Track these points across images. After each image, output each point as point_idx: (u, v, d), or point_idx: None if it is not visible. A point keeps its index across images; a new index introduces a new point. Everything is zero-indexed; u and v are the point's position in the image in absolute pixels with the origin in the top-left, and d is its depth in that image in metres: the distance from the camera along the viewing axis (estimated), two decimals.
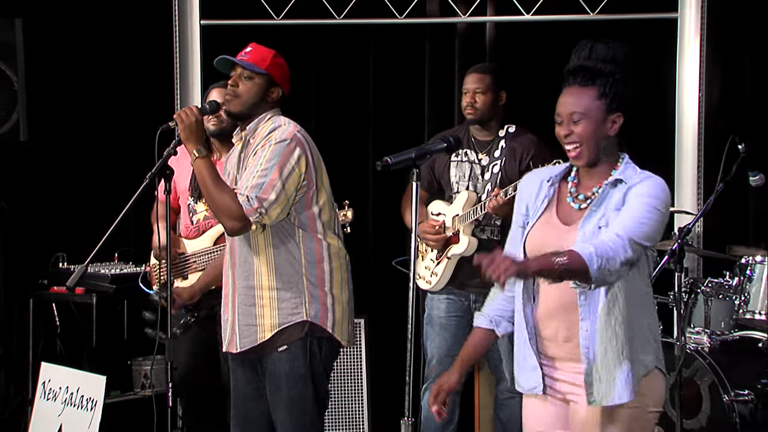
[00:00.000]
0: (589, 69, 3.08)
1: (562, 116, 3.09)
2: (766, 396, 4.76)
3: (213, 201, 3.84)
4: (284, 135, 3.83)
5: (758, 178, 4.85)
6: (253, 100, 3.91)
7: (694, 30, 5.90)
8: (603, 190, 3.10)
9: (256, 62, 3.91)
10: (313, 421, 3.92)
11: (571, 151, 3.10)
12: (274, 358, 3.87)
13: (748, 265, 4.99)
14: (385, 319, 5.71)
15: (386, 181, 5.68)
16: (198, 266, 4.74)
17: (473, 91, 5.06)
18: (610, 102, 3.07)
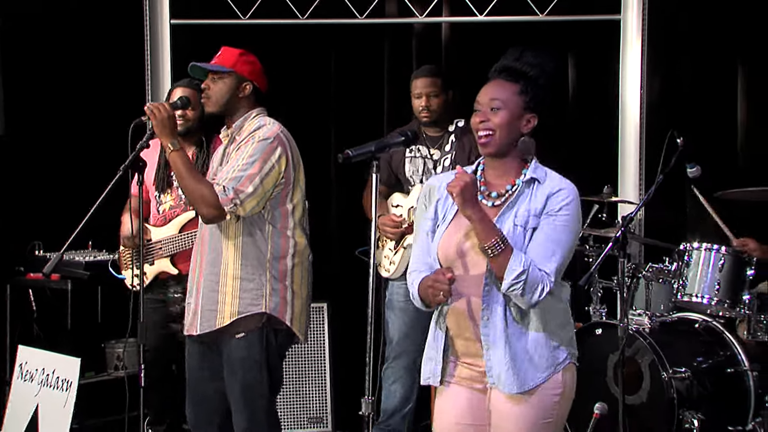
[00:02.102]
0: (516, 70, 3.08)
1: (482, 104, 3.08)
2: (701, 373, 4.81)
3: (189, 190, 3.84)
4: (268, 134, 3.86)
5: (695, 170, 4.89)
6: (225, 99, 3.94)
7: (636, 31, 5.93)
8: (518, 188, 3.07)
9: (222, 63, 3.94)
10: (266, 404, 3.93)
11: (482, 137, 3.07)
12: (232, 345, 3.87)
13: (686, 252, 5.02)
14: (347, 304, 5.71)
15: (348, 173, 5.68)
16: (164, 252, 4.74)
17: (426, 94, 5.06)
18: (530, 100, 3.06)
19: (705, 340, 5.03)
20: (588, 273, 4.60)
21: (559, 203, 3.02)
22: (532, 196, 3.05)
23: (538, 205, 3.03)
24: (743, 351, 4.93)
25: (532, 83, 3.06)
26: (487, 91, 3.09)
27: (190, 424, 4.08)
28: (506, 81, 3.08)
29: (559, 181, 3.08)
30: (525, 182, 3.08)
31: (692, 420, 4.55)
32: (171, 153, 3.84)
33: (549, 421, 3.08)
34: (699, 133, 5.46)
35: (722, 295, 4.91)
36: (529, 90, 3.06)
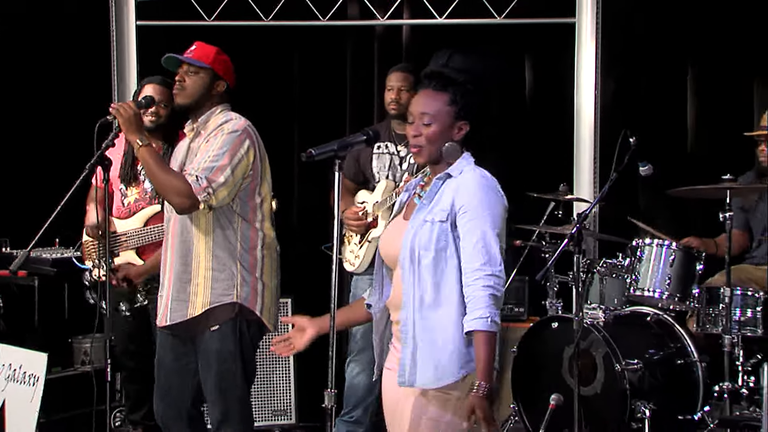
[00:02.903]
0: (445, 76, 3.05)
1: (414, 115, 3.06)
2: (653, 364, 4.84)
3: (161, 182, 3.81)
4: (236, 127, 3.86)
5: (647, 168, 4.93)
6: (199, 93, 3.93)
7: (590, 34, 5.98)
8: (434, 184, 3.07)
9: (200, 58, 3.94)
10: (241, 394, 3.93)
11: (414, 149, 3.07)
12: (206, 337, 3.86)
13: (638, 247, 5.06)
14: (311, 298, 5.70)
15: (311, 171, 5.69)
16: (129, 245, 4.72)
17: (398, 88, 5.07)
18: (460, 110, 3.03)
19: (656, 332, 5.06)
20: (544, 268, 4.64)
21: (465, 199, 2.98)
22: (443, 191, 3.04)
23: (447, 198, 3.01)
24: (693, 343, 4.98)
25: (461, 91, 3.03)
26: (418, 103, 3.07)
27: (158, 417, 4.05)
28: (436, 91, 3.04)
29: (472, 176, 3.03)
30: (441, 179, 3.06)
31: (644, 410, 4.58)
32: (139, 149, 3.81)
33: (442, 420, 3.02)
34: (651, 133, 5.51)
35: (673, 289, 4.96)
36: (458, 99, 3.03)
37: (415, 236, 3.01)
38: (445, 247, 2.99)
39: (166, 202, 3.96)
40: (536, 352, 4.98)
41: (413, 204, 3.14)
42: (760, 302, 4.80)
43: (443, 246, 2.99)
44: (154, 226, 4.64)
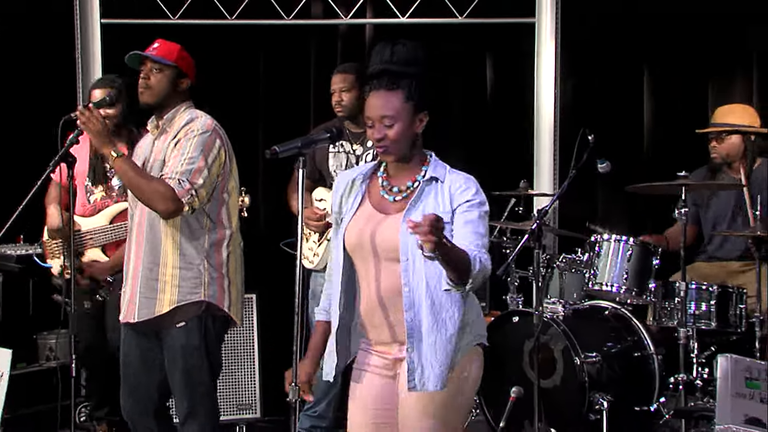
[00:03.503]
0: (393, 72, 3.00)
1: (373, 119, 3.01)
2: (611, 357, 4.88)
3: (143, 190, 3.77)
4: (205, 127, 3.84)
5: (605, 166, 4.96)
6: (165, 91, 3.90)
7: (550, 34, 6.01)
8: (419, 186, 3.04)
9: (164, 55, 3.91)
10: (207, 388, 3.91)
11: (381, 150, 3.04)
12: (172, 333, 3.84)
13: (597, 243, 5.09)
14: (274, 295, 5.68)
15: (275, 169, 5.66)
16: (94, 243, 4.68)
17: (339, 90, 5.07)
18: (417, 103, 3.01)
19: (614, 326, 5.10)
20: (505, 263, 4.64)
21: (469, 196, 3.01)
22: (436, 194, 3.02)
23: (445, 202, 3.01)
24: (649, 336, 5.02)
25: (414, 83, 3.00)
26: (375, 107, 3.01)
27: (125, 413, 4.01)
28: (389, 90, 2.99)
29: (458, 178, 3.06)
30: (426, 181, 3.05)
31: (602, 402, 4.61)
32: (116, 161, 3.77)
33: (453, 407, 3.05)
34: (609, 131, 5.55)
35: (630, 283, 4.99)
36: (413, 93, 3.00)
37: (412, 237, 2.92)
38: None
39: (133, 200, 3.92)
40: (497, 346, 4.97)
41: (383, 199, 3.10)
42: (713, 296, 4.85)
43: None
44: (121, 223, 4.60)
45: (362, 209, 3.11)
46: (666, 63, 6.11)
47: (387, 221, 3.05)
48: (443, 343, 2.98)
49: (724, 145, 5.25)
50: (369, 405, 3.14)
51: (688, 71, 6.04)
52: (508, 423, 4.48)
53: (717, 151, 5.27)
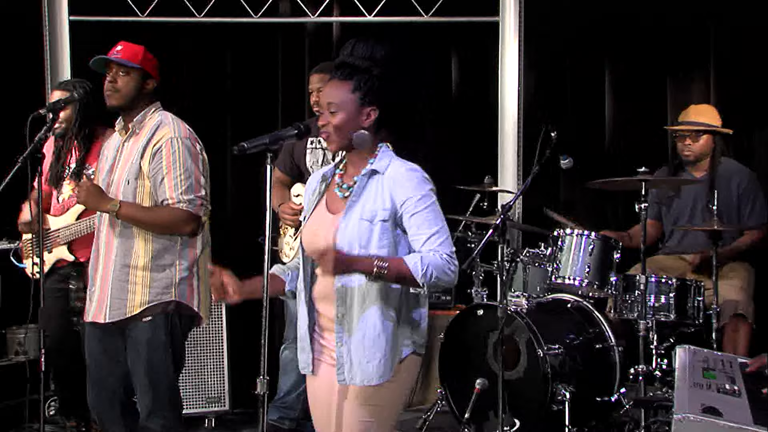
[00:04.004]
0: (349, 65, 3.03)
1: (322, 106, 3.07)
2: (573, 349, 4.91)
3: (159, 226, 3.82)
4: (182, 133, 3.86)
5: (568, 161, 4.99)
6: (131, 93, 3.90)
7: (513, 32, 6.04)
8: (360, 180, 3.04)
9: (130, 58, 3.90)
10: (171, 382, 3.92)
11: (323, 134, 3.06)
12: (138, 328, 3.84)
13: (560, 237, 5.12)
14: None
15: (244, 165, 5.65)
16: (61, 240, 4.65)
17: (317, 90, 5.07)
18: (364, 96, 3.00)
19: (576, 318, 5.13)
20: (470, 258, 4.67)
21: (410, 192, 2.97)
22: (376, 189, 3.01)
23: (385, 197, 2.98)
24: (610, 328, 5.06)
25: (365, 77, 3.00)
26: (324, 94, 3.06)
27: (91, 406, 4.00)
28: (341, 80, 3.02)
29: (399, 170, 3.01)
30: (366, 175, 3.04)
31: (564, 392, 4.64)
32: (118, 213, 3.79)
33: (378, 405, 3.03)
34: (571, 128, 5.60)
35: (592, 277, 5.02)
36: (362, 85, 3.00)
37: (351, 234, 2.97)
38: (387, 245, 2.97)
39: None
40: (462, 339, 5.02)
41: (335, 196, 3.10)
42: (672, 289, 4.90)
43: (386, 244, 2.97)
44: (85, 219, 4.58)
45: (317, 209, 3.13)
46: (627, 62, 6.17)
47: (330, 220, 3.05)
48: (373, 339, 2.97)
49: (699, 144, 5.30)
50: (317, 390, 3.16)
51: (648, 70, 6.09)
52: (473, 414, 4.51)
53: (691, 149, 5.31)
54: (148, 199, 3.83)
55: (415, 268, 2.87)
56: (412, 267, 2.88)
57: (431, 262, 2.88)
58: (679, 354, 3.71)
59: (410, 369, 3.07)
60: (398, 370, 3.01)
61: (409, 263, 2.89)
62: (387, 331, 2.98)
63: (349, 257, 2.92)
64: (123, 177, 3.85)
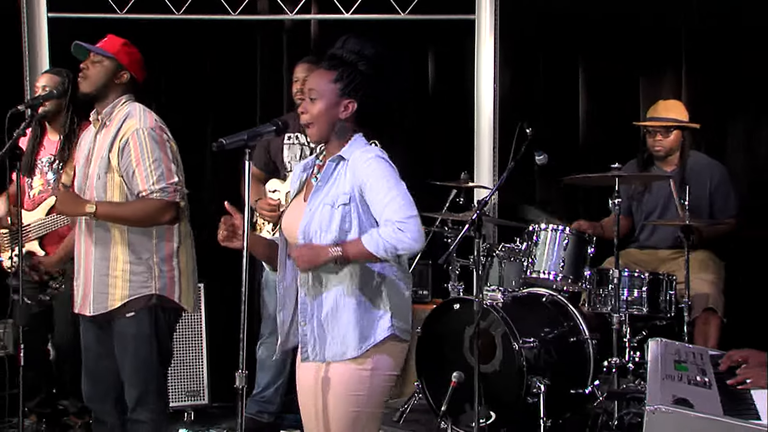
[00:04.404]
0: (338, 57, 3.07)
1: (304, 93, 3.11)
2: (548, 342, 4.93)
3: (137, 220, 3.81)
4: (148, 124, 3.84)
5: (542, 158, 5.01)
6: (101, 81, 3.88)
7: (489, 30, 6.06)
8: (327, 166, 3.07)
9: (106, 48, 3.90)
10: (157, 377, 3.92)
11: (302, 122, 3.09)
12: (123, 322, 3.84)
13: (535, 232, 5.14)
14: (223, 284, 5.66)
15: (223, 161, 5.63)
16: (32, 236, 4.63)
17: (302, 79, 5.08)
18: (345, 87, 3.03)
19: (551, 312, 5.15)
20: (447, 252, 4.67)
21: (365, 168, 2.98)
22: (339, 174, 3.04)
23: (345, 182, 3.01)
24: (584, 322, 5.09)
25: (350, 70, 3.03)
26: (308, 81, 3.11)
27: (86, 398, 4.04)
28: (325, 70, 3.06)
29: (363, 153, 3.02)
30: (334, 161, 3.06)
31: (539, 385, 4.66)
32: (95, 214, 3.77)
33: (360, 395, 3.04)
34: (546, 124, 5.62)
35: (566, 271, 5.05)
36: (344, 77, 3.03)
37: (312, 219, 3.02)
38: (349, 229, 3.00)
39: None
40: (439, 333, 5.04)
41: (311, 185, 3.13)
42: (645, 283, 4.93)
43: (348, 227, 3.00)
44: (55, 215, 4.56)
45: (297, 198, 3.17)
46: (600, 59, 6.19)
47: (303, 207, 3.09)
48: (336, 318, 3.01)
49: (670, 139, 5.34)
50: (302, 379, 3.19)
51: (620, 67, 6.12)
52: (450, 407, 4.52)
53: (662, 144, 5.35)
54: (119, 192, 3.81)
55: (370, 245, 2.92)
56: (367, 245, 2.92)
57: (384, 236, 2.91)
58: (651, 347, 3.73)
59: (393, 353, 3.07)
60: (377, 354, 3.02)
61: (365, 243, 2.93)
62: (352, 310, 3.01)
63: (311, 252, 2.97)
64: (95, 171, 3.85)
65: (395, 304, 3.06)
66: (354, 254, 2.95)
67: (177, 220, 3.86)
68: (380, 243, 2.91)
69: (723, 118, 5.91)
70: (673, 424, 2.88)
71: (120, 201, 3.82)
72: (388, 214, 2.94)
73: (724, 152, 5.85)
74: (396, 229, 2.91)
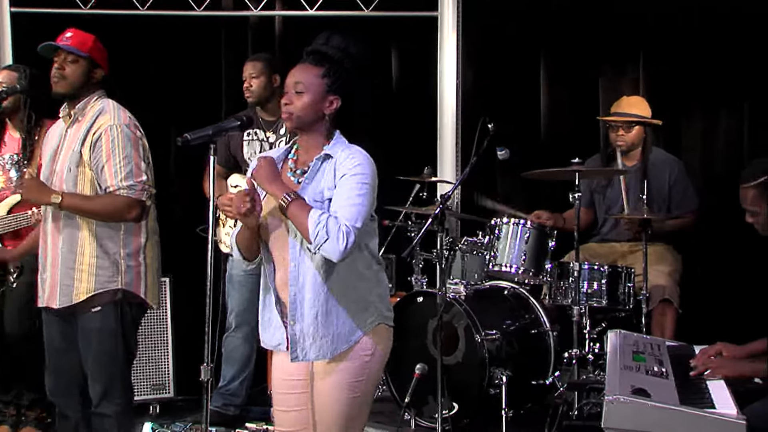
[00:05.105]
0: (322, 53, 3.07)
1: (288, 85, 3.08)
2: (509, 334, 4.97)
3: (104, 214, 3.78)
4: (122, 120, 3.83)
5: (504, 153, 5.03)
6: (79, 81, 3.86)
7: (452, 26, 6.07)
8: (314, 164, 3.08)
9: (78, 46, 3.86)
10: (122, 371, 3.90)
11: (285, 114, 3.08)
12: (88, 317, 3.82)
13: (497, 226, 5.17)
14: (188, 278, 5.63)
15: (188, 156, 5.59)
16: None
17: (249, 76, 5.11)
18: (332, 83, 3.05)
19: (513, 305, 5.20)
20: (410, 246, 4.68)
21: (349, 166, 3.01)
22: (327, 171, 3.05)
23: (331, 178, 3.03)
24: (545, 314, 5.13)
25: (336, 66, 3.05)
26: (293, 74, 3.08)
27: (49, 391, 4.00)
28: (311, 65, 3.07)
29: (349, 152, 3.06)
30: (320, 158, 3.08)
31: (501, 376, 4.68)
32: (61, 204, 3.74)
33: (361, 380, 3.10)
34: (508, 120, 5.62)
35: (528, 264, 5.09)
36: (332, 73, 3.05)
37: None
38: None
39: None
40: (402, 325, 4.99)
41: (289, 180, 3.11)
42: (604, 275, 4.98)
43: None
44: (17, 214, 4.52)
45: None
46: (561, 55, 6.23)
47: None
48: (326, 316, 3.03)
49: (632, 134, 5.38)
50: (284, 375, 3.19)
51: (581, 63, 6.16)
52: (413, 398, 4.53)
53: (624, 139, 5.38)
54: (90, 186, 3.79)
55: (312, 221, 2.92)
56: (310, 220, 2.92)
57: (329, 226, 2.91)
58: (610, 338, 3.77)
59: (383, 338, 3.15)
60: (370, 340, 3.08)
61: (310, 216, 2.93)
62: (340, 308, 3.04)
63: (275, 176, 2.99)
64: (65, 164, 3.81)
65: (379, 294, 3.14)
66: (295, 213, 2.94)
67: (142, 218, 3.84)
68: (321, 230, 2.90)
69: (680, 114, 5.98)
70: (631, 414, 2.92)
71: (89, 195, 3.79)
72: (343, 213, 2.95)
73: (681, 148, 5.91)
74: (340, 230, 2.92)
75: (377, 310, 3.12)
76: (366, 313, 3.09)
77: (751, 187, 3.48)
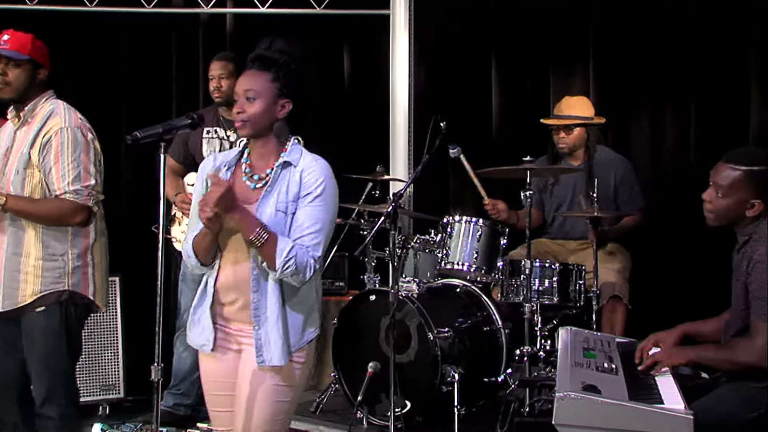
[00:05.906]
0: (267, 58, 3.08)
1: (239, 94, 3.08)
2: (462, 332, 4.98)
3: (47, 218, 3.73)
4: (72, 122, 3.77)
5: (456, 151, 5.06)
6: (24, 85, 3.82)
7: (404, 25, 6.07)
8: (275, 172, 3.09)
9: (19, 49, 3.80)
10: (66, 372, 3.85)
11: (239, 123, 3.08)
12: (32, 317, 3.77)
13: (449, 224, 5.18)
14: (139, 277, 5.57)
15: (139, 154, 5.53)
16: None
17: (218, 76, 5.07)
18: (282, 87, 3.07)
19: (465, 302, 5.20)
20: (363, 245, 4.65)
21: (312, 185, 3.06)
22: (288, 180, 3.07)
23: (294, 188, 3.06)
24: (497, 311, 5.15)
25: (283, 70, 3.07)
26: (242, 82, 3.08)
27: None
28: (259, 71, 3.07)
29: (310, 162, 3.10)
30: (280, 166, 3.09)
31: (454, 374, 4.70)
32: (5, 206, 3.69)
33: (293, 386, 3.15)
34: (459, 118, 5.65)
35: (480, 262, 5.11)
36: (280, 77, 3.07)
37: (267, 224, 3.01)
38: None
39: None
40: (355, 324, 5.04)
41: (245, 186, 3.11)
42: (555, 273, 5.01)
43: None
44: None
45: None
46: (512, 53, 6.27)
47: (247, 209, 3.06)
48: (287, 322, 3.08)
49: (572, 136, 5.41)
50: (216, 377, 3.20)
51: (532, 61, 6.20)
52: (366, 396, 4.53)
53: (565, 141, 5.42)
54: (38, 189, 3.74)
55: (281, 253, 2.96)
56: (278, 251, 2.96)
57: (298, 257, 2.98)
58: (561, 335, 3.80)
59: (312, 348, 3.20)
60: (306, 351, 3.14)
61: (278, 245, 2.96)
62: (298, 314, 3.10)
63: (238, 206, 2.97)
64: (13, 166, 3.76)
65: (316, 301, 3.20)
66: (266, 248, 2.97)
67: (88, 223, 3.80)
68: (290, 261, 2.96)
69: (629, 112, 6.04)
70: (582, 410, 2.94)
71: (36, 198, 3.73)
72: (307, 241, 3.01)
73: (630, 146, 5.98)
74: (310, 264, 3.00)
75: (317, 319, 3.19)
76: (311, 318, 3.16)
77: (738, 170, 3.34)
